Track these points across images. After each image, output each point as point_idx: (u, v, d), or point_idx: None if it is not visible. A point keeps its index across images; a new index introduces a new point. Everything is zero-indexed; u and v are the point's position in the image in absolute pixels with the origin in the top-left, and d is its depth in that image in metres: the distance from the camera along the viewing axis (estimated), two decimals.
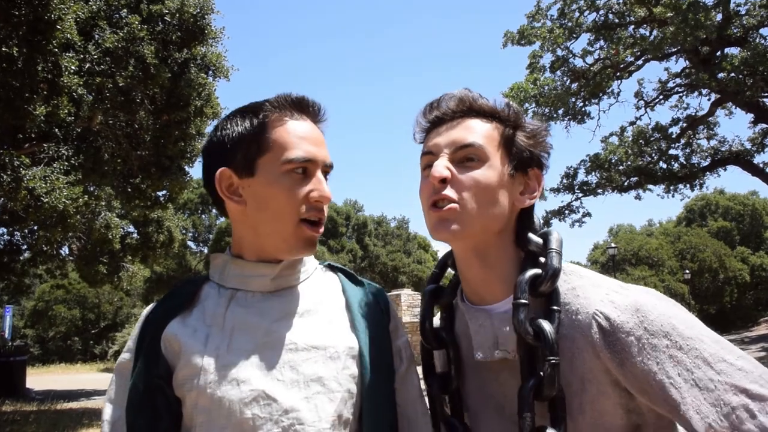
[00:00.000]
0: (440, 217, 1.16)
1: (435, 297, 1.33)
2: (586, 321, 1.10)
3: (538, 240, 1.21)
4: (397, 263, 41.23)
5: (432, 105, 1.26)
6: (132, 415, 1.15)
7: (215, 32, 11.78)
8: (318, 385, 1.16)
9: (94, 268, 16.61)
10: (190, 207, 36.49)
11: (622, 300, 1.09)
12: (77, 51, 9.69)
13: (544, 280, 1.13)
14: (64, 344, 43.13)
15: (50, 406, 15.10)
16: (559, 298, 1.14)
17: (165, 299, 1.27)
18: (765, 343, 25.40)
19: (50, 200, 9.11)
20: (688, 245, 38.56)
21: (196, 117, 11.99)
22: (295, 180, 1.20)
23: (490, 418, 1.23)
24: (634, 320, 1.05)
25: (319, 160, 1.22)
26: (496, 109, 1.23)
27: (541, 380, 1.08)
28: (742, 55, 15.87)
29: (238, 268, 1.25)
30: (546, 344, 1.08)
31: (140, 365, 1.18)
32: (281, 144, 1.21)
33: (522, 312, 1.10)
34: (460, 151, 1.17)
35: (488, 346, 1.19)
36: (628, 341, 1.04)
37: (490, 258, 1.21)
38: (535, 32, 18.98)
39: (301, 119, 1.25)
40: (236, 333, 1.18)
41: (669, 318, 1.05)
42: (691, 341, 1.03)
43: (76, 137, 11.20)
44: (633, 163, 19.75)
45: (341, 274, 1.38)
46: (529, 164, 1.22)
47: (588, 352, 1.09)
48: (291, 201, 1.20)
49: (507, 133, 1.21)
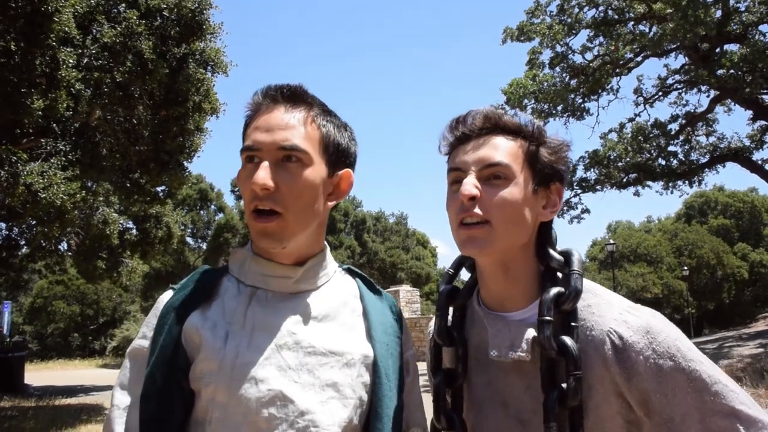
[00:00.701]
0: (470, 235, 1.21)
1: (451, 298, 1.38)
2: (600, 337, 1.18)
3: (560, 258, 1.27)
4: (396, 259, 41.25)
5: (458, 120, 1.29)
6: (147, 404, 1.14)
7: (214, 27, 11.74)
8: (333, 391, 1.17)
9: (93, 263, 16.59)
10: (189, 203, 36.48)
11: (635, 321, 1.17)
12: (75, 45, 9.65)
13: (567, 300, 1.21)
14: (62, 340, 43.12)
15: (49, 402, 15.11)
16: (577, 315, 1.21)
17: (183, 289, 1.26)
18: (763, 340, 25.43)
19: (48, 196, 9.08)
20: (686, 242, 38.60)
21: (195, 112, 11.97)
22: (247, 170, 1.20)
23: (495, 412, 1.28)
24: (644, 341, 1.14)
25: (263, 146, 1.18)
26: (520, 126, 1.26)
27: (565, 392, 1.15)
28: (742, 51, 15.86)
29: (258, 266, 1.25)
30: (570, 359, 1.15)
31: (159, 355, 1.16)
32: (245, 135, 1.23)
33: (548, 329, 1.17)
34: (486, 169, 1.22)
35: (504, 347, 1.24)
36: (638, 360, 1.13)
37: (512, 270, 1.26)
38: (535, 28, 18.95)
39: (269, 108, 1.23)
40: (256, 332, 1.18)
41: (674, 341, 1.14)
42: (693, 363, 1.12)
43: (74, 132, 11.16)
44: (632, 159, 19.75)
45: (360, 281, 1.39)
46: (551, 179, 1.27)
47: (598, 364, 1.16)
48: (244, 192, 1.21)
49: (531, 150, 1.25)
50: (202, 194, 37.03)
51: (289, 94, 1.24)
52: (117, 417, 1.18)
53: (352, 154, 1.32)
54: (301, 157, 1.19)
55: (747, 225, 44.43)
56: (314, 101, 1.27)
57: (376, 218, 44.46)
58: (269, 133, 1.18)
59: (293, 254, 1.25)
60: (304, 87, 1.27)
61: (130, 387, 1.20)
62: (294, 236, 1.21)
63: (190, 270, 31.31)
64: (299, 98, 1.25)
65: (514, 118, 1.27)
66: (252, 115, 1.25)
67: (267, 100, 1.24)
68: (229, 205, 37.57)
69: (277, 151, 1.18)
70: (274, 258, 1.25)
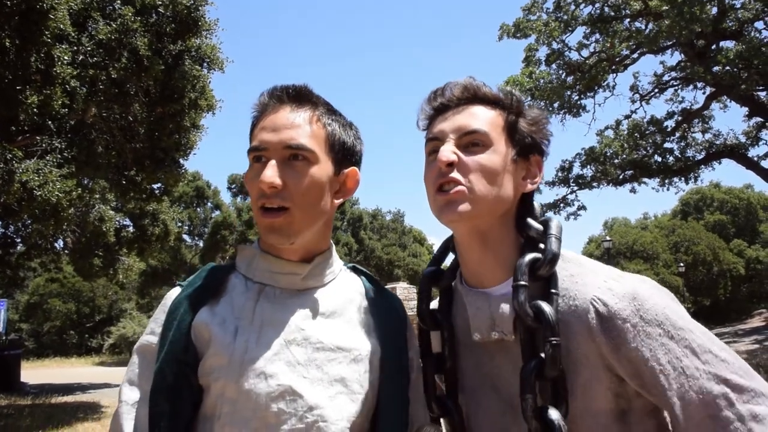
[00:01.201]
0: (447, 199, 1.19)
1: (434, 279, 1.37)
2: (583, 306, 1.13)
3: (539, 226, 1.24)
4: (393, 257, 41.24)
5: (436, 92, 1.29)
6: (156, 400, 1.15)
7: (209, 24, 11.70)
8: (341, 386, 1.18)
9: (89, 261, 16.54)
10: (186, 200, 36.38)
11: (620, 288, 1.13)
12: (70, 42, 9.61)
13: (543, 264, 1.17)
14: (59, 338, 43.02)
15: (45, 400, 15.10)
16: (557, 282, 1.18)
17: (191, 285, 1.27)
18: (758, 336, 25.53)
19: (43, 193, 9.04)
20: (682, 238, 38.67)
21: (191, 109, 11.93)
22: (254, 170, 1.22)
23: (487, 396, 1.26)
24: (630, 308, 1.09)
25: (270, 145, 1.20)
26: (499, 96, 1.26)
27: (543, 361, 1.11)
28: (737, 48, 15.86)
29: (266, 263, 1.27)
30: (546, 325, 1.11)
31: (168, 350, 1.17)
32: (251, 137, 1.25)
33: (522, 293, 1.14)
34: (465, 136, 1.21)
35: (485, 328, 1.22)
36: (624, 327, 1.09)
37: (490, 241, 1.24)
38: (531, 25, 18.94)
39: (275, 108, 1.25)
40: (265, 328, 1.19)
41: (663, 308, 1.10)
42: (682, 331, 1.09)
43: (69, 130, 11.11)
44: (628, 156, 19.77)
45: (365, 278, 1.40)
46: (531, 150, 1.26)
47: (583, 336, 1.12)
48: (251, 190, 1.23)
49: (510, 120, 1.25)
50: (199, 192, 36.93)
51: (295, 94, 1.26)
52: (125, 413, 1.19)
53: (358, 152, 1.34)
54: (307, 156, 1.21)
55: (743, 221, 44.54)
56: (319, 101, 1.29)
57: (373, 216, 44.45)
58: (275, 133, 1.20)
59: (300, 251, 1.27)
60: (309, 87, 1.29)
61: (138, 383, 1.21)
62: (301, 232, 1.22)
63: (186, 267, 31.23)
64: (304, 98, 1.27)
65: (492, 89, 1.27)
66: (258, 116, 1.27)
67: (273, 100, 1.26)
68: (226, 203, 37.49)
69: (284, 150, 1.20)
70: (281, 255, 1.26)
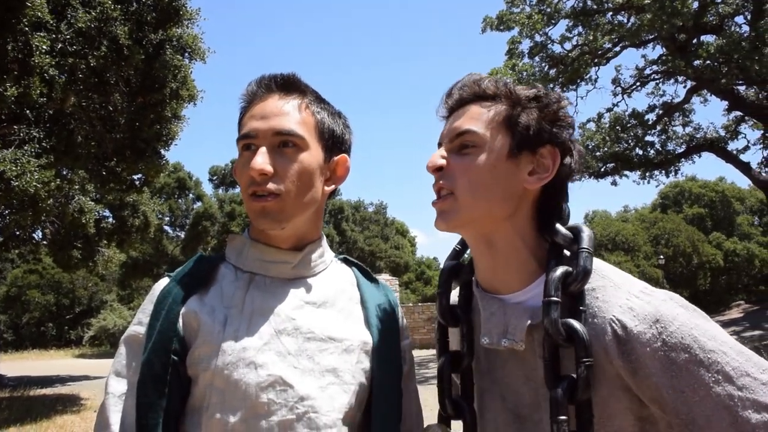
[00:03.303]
0: (439, 208, 1.16)
1: (454, 274, 1.30)
2: (601, 326, 1.05)
3: (567, 233, 1.14)
4: (375, 248, 41.26)
5: (443, 98, 1.25)
6: (144, 390, 1.13)
7: (191, 13, 11.60)
8: (332, 376, 1.17)
9: (68, 252, 16.36)
10: (167, 191, 36.10)
11: (642, 308, 1.04)
12: (49, 30, 9.46)
13: (574, 280, 1.08)
14: (37, 330, 42.62)
15: (23, 393, 14.95)
16: (584, 298, 1.09)
17: (179, 275, 1.25)
18: (736, 327, 25.91)
19: (21, 184, 8.92)
20: (663, 231, 39.08)
21: (172, 99, 11.84)
22: (244, 157, 1.22)
23: (494, 404, 1.21)
24: (652, 331, 1.00)
25: (259, 133, 1.20)
26: (497, 90, 1.18)
27: (575, 382, 1.03)
28: (718, 42, 16.01)
29: (257, 251, 1.26)
30: (580, 345, 1.03)
31: (156, 341, 1.15)
32: (241, 125, 1.25)
33: (555, 311, 1.05)
34: (456, 139, 1.16)
35: (496, 334, 1.15)
36: (644, 353, 1.00)
37: (499, 247, 1.16)
38: (514, 18, 18.96)
39: (263, 97, 1.25)
40: (255, 317, 1.18)
41: (690, 329, 1.00)
42: (713, 354, 0.98)
43: (48, 119, 10.96)
44: (610, 149, 19.89)
45: (356, 269, 1.40)
46: (538, 142, 1.14)
47: (601, 356, 1.04)
48: (241, 178, 1.22)
49: (507, 113, 1.15)
50: (180, 183, 36.66)
51: (283, 83, 1.26)
52: (112, 405, 1.17)
53: (347, 141, 1.35)
54: (297, 142, 1.21)
55: (720, 214, 45.09)
56: (307, 89, 1.29)
57: (355, 207, 44.40)
58: (265, 120, 1.20)
59: (291, 239, 1.26)
60: (297, 75, 1.29)
61: (125, 374, 1.19)
62: (292, 217, 1.21)
63: (168, 259, 31.02)
64: (293, 86, 1.27)
65: (492, 83, 1.19)
66: (246, 105, 1.27)
67: (261, 89, 1.26)
68: (208, 194, 37.28)
69: (273, 137, 1.20)
70: (272, 243, 1.26)
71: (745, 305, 36.65)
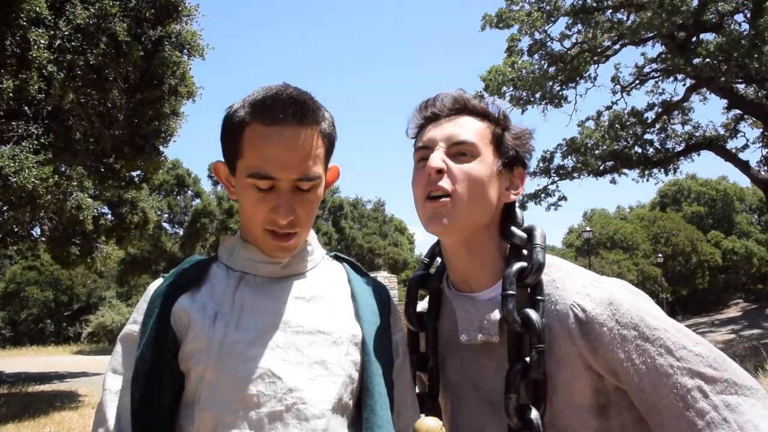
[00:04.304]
0: (435, 210, 1.24)
1: (421, 284, 1.43)
2: (564, 311, 1.20)
3: (522, 234, 1.30)
4: (373, 246, 41.31)
5: (428, 102, 1.35)
6: (137, 385, 1.16)
7: (190, 9, 11.59)
8: (321, 368, 1.19)
9: (66, 249, 16.34)
10: (166, 188, 36.10)
11: (598, 293, 1.19)
12: (47, 26, 9.44)
13: (529, 273, 1.23)
14: (36, 326, 42.63)
15: (22, 389, 14.97)
16: (542, 289, 1.24)
17: (173, 275, 1.28)
18: (734, 326, 25.97)
19: (19, 180, 8.90)
20: (662, 229, 39.14)
21: (171, 96, 11.83)
22: (259, 194, 1.17)
23: (468, 395, 1.32)
24: (607, 313, 1.16)
25: (284, 178, 1.16)
26: (487, 110, 1.32)
27: (528, 365, 1.18)
28: (717, 41, 16.00)
29: (248, 252, 1.27)
30: (533, 332, 1.18)
31: (148, 337, 1.19)
32: (249, 154, 1.17)
33: (510, 302, 1.20)
34: (454, 146, 1.25)
35: (472, 330, 1.27)
36: (601, 331, 1.15)
37: (476, 249, 1.30)
38: (514, 15, 18.96)
39: (275, 126, 1.15)
40: (245, 312, 1.20)
41: (638, 311, 1.16)
42: (657, 331, 1.14)
43: (46, 116, 10.94)
44: (609, 147, 19.91)
45: (347, 265, 1.41)
46: (515, 162, 1.32)
47: (564, 338, 1.18)
48: (254, 212, 1.20)
49: (497, 133, 1.30)
50: (179, 180, 36.66)
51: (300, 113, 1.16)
52: (109, 401, 1.21)
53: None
54: (316, 184, 1.21)
55: (719, 213, 45.16)
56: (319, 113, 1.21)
57: (354, 205, 44.44)
58: (286, 167, 1.15)
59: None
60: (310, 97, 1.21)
61: (121, 371, 1.23)
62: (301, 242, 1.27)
63: (166, 256, 31.02)
64: (308, 115, 1.17)
65: (481, 102, 1.33)
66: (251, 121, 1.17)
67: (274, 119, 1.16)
68: (206, 191, 37.25)
69: (294, 182, 1.18)
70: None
71: (744, 304, 36.74)
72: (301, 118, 1.16)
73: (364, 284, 1.37)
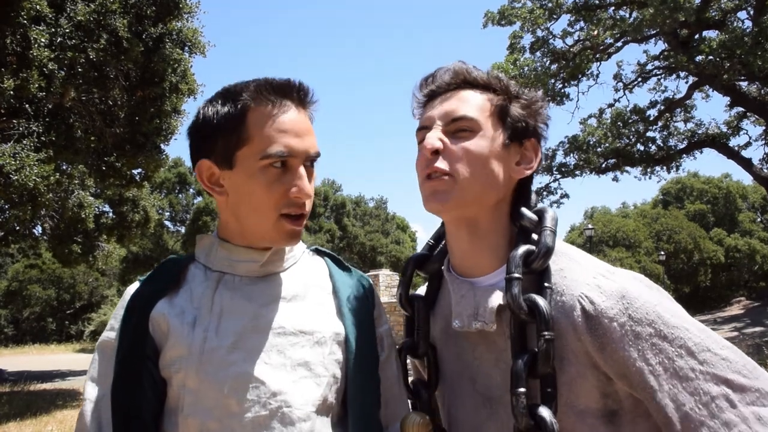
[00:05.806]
0: (433, 188, 1.16)
1: (419, 264, 1.35)
2: (570, 303, 1.09)
3: (533, 216, 1.19)
4: (376, 243, 41.31)
5: (427, 80, 1.27)
6: (117, 394, 1.14)
7: (190, 6, 11.59)
8: (304, 370, 1.17)
9: (68, 247, 16.36)
10: (167, 186, 36.15)
11: (609, 285, 1.08)
12: (48, 24, 9.42)
13: (537, 257, 1.13)
14: (38, 325, 42.68)
15: (24, 387, 14.99)
16: (550, 276, 1.13)
17: (150, 279, 1.26)
18: (737, 323, 25.94)
19: (20, 178, 8.90)
20: (664, 227, 39.09)
21: (172, 93, 11.82)
22: (274, 175, 1.16)
23: (463, 388, 1.25)
24: (618, 307, 1.05)
25: (300, 153, 1.17)
26: (489, 80, 1.22)
27: (536, 356, 1.07)
28: (720, 38, 15.93)
29: (225, 251, 1.24)
30: (541, 318, 1.06)
31: (126, 344, 1.17)
32: (259, 137, 1.16)
33: (516, 286, 1.09)
34: (453, 123, 1.18)
35: (467, 316, 1.18)
36: (611, 327, 1.04)
37: (480, 230, 1.20)
38: (516, 12, 18.91)
39: (284, 107, 1.18)
40: (224, 316, 1.18)
41: (654, 306, 1.05)
42: (676, 330, 1.03)
43: (47, 113, 10.93)
44: (611, 145, 19.86)
45: (328, 259, 1.38)
46: (525, 135, 1.21)
47: (570, 333, 1.08)
48: (270, 197, 1.16)
49: (500, 104, 1.20)
50: (181, 178, 36.70)
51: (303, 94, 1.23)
52: (89, 411, 1.19)
53: None
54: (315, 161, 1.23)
55: (722, 210, 45.08)
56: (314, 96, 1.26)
57: (356, 202, 44.45)
58: (300, 139, 1.18)
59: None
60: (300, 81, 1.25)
61: (99, 379, 1.21)
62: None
63: (169, 254, 31.10)
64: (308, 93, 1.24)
65: (482, 73, 1.24)
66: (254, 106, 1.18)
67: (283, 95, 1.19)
68: None
69: (305, 159, 1.19)
70: (241, 243, 1.24)
71: (746, 302, 36.68)
72: (309, 99, 1.23)
73: (347, 279, 1.34)
